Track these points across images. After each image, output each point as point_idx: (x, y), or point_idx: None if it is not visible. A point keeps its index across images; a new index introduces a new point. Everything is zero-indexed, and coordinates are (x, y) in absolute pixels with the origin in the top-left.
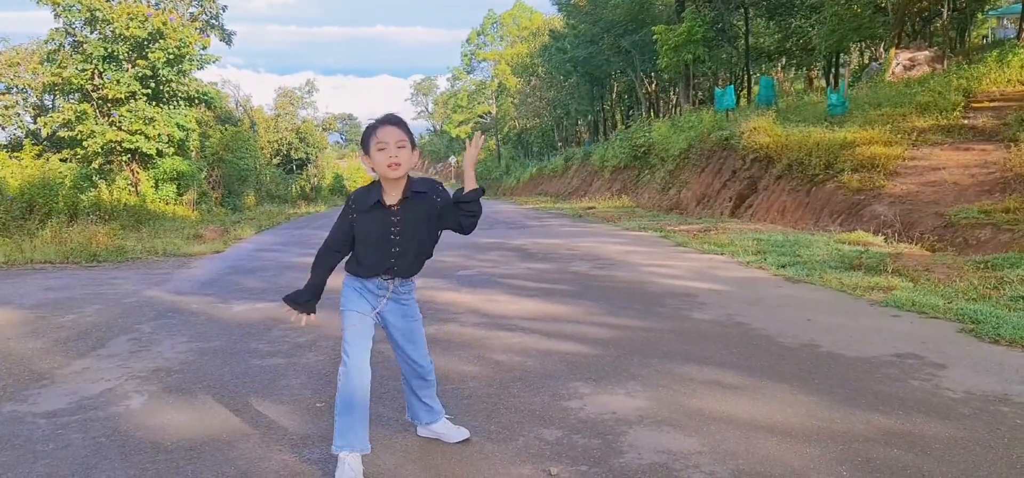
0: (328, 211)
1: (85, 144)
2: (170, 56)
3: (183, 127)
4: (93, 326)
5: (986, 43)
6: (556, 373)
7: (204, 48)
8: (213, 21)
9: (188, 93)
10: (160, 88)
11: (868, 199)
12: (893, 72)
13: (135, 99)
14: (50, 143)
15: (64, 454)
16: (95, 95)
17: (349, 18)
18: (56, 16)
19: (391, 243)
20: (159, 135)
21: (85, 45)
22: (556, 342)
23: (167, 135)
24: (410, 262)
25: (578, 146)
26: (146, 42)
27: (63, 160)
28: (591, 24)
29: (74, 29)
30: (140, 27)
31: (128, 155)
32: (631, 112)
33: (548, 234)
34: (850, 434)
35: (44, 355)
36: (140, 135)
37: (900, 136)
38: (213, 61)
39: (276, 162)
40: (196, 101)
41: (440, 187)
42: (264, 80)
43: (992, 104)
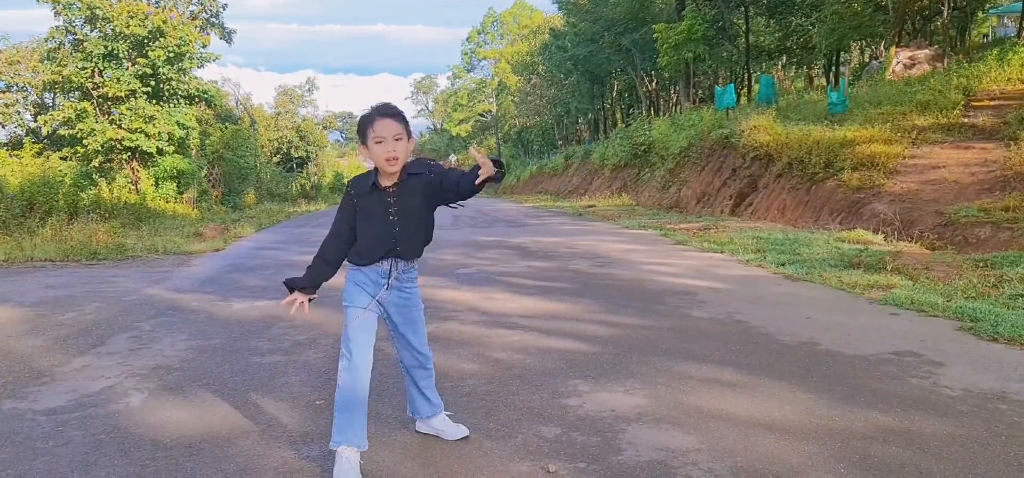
0: (328, 209)
1: (85, 142)
2: (170, 54)
3: (183, 125)
4: (93, 324)
5: (986, 42)
6: (555, 371)
7: (204, 46)
8: (213, 19)
9: (188, 91)
10: (160, 86)
11: (868, 197)
12: (893, 70)
13: (135, 97)
14: (50, 141)
15: (64, 451)
16: (95, 93)
17: (350, 16)
18: (56, 14)
19: (391, 225)
20: (159, 133)
21: (85, 43)
22: (555, 340)
23: (167, 133)
24: (411, 243)
25: (578, 144)
26: (146, 40)
27: (63, 158)
28: (591, 22)
29: (74, 27)
30: (140, 25)
31: (128, 153)
32: (631, 110)
33: (548, 232)
34: (848, 431)
35: (44, 353)
36: (140, 133)
37: (900, 134)
38: (213, 59)
39: (276, 160)
40: (196, 99)
41: (433, 163)
42: (264, 78)
43: (992, 103)
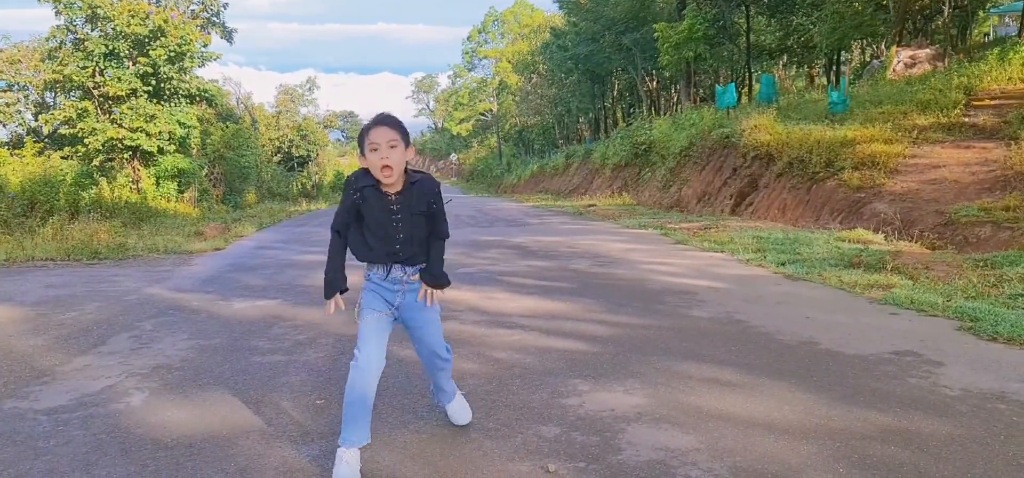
0: (329, 208)
1: (86, 141)
2: (171, 53)
3: (184, 124)
4: (94, 323)
5: (987, 41)
6: (555, 370)
7: (205, 45)
8: (214, 18)
9: (189, 90)
10: (161, 85)
11: (868, 197)
12: (894, 70)
13: (136, 96)
14: (51, 140)
15: (65, 450)
16: (96, 92)
17: (351, 16)
18: (57, 13)
19: (394, 228)
20: (160, 132)
21: (86, 42)
22: (555, 339)
23: (168, 132)
24: (415, 249)
25: (579, 144)
26: (147, 39)
27: (64, 157)
28: (592, 22)
29: (75, 26)
30: (141, 24)
31: (129, 152)
32: (632, 110)
33: (548, 232)
34: (847, 431)
35: (45, 352)
36: (141, 132)
37: (901, 134)
38: (214, 59)
39: (277, 160)
40: (197, 98)
41: (437, 189)
42: (265, 78)
43: (993, 102)
